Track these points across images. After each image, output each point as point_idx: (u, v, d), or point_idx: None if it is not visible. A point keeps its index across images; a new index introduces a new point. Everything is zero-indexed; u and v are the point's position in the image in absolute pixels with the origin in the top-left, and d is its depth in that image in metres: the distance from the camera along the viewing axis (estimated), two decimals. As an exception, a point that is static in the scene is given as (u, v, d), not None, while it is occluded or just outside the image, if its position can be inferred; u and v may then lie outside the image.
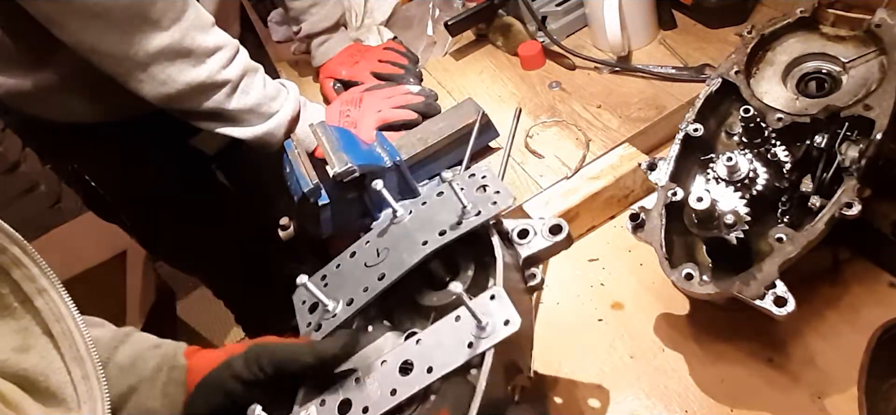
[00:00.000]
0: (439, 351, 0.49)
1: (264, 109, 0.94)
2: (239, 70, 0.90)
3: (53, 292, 0.45)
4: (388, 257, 0.59)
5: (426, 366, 0.49)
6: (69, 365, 0.45)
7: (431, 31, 1.21)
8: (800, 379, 0.59)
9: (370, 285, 0.57)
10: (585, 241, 0.80)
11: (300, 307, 0.61)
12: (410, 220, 0.61)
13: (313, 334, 0.57)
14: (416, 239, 0.58)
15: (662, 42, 1.00)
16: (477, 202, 0.58)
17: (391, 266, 0.57)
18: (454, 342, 0.49)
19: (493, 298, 0.50)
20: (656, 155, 0.68)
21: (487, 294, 0.50)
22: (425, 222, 0.59)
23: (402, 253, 0.58)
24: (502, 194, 0.58)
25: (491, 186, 0.59)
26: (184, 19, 0.84)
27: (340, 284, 0.60)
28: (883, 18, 0.63)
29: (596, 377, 0.66)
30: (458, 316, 0.50)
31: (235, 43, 0.92)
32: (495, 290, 0.50)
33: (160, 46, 0.84)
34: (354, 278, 0.59)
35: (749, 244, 0.59)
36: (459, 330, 0.49)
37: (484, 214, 0.56)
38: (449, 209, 0.59)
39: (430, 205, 0.61)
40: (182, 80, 0.87)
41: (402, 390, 0.49)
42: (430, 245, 0.56)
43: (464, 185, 0.60)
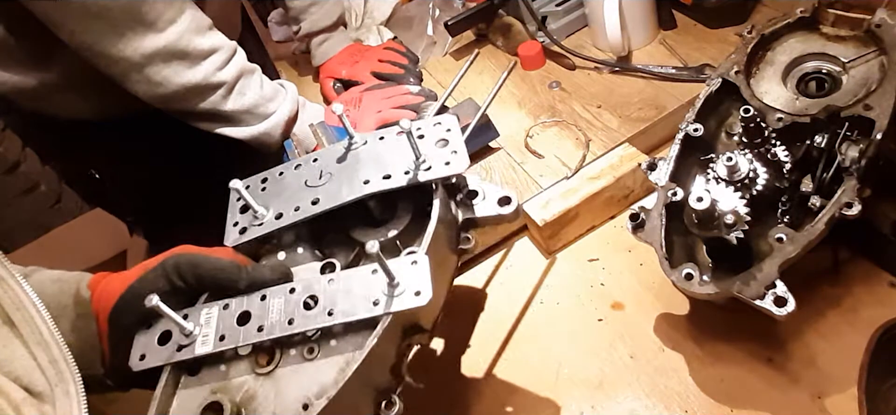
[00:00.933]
0: (346, 298, 0.49)
1: (261, 110, 0.94)
2: (235, 72, 0.91)
3: (11, 281, 0.45)
4: (329, 183, 0.58)
5: (328, 308, 0.49)
6: (33, 350, 0.44)
7: (431, 31, 1.21)
8: (800, 379, 0.59)
9: (302, 206, 0.57)
10: (585, 241, 0.80)
11: (234, 203, 0.61)
12: (363, 150, 0.60)
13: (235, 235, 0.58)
14: (360, 174, 0.58)
15: (662, 42, 1.00)
16: (432, 157, 0.57)
17: (328, 194, 0.57)
18: (362, 294, 0.49)
19: (415, 264, 0.49)
20: (656, 155, 0.68)
21: (410, 257, 0.50)
22: (375, 159, 0.59)
23: (343, 184, 0.57)
24: (458, 157, 0.57)
25: (451, 143, 0.58)
26: (180, 21, 0.85)
27: (278, 193, 0.60)
28: (883, 18, 0.63)
29: (596, 377, 0.66)
30: (375, 269, 0.50)
31: (232, 44, 0.92)
32: (418, 255, 0.50)
33: (156, 48, 0.84)
34: (291, 193, 0.59)
35: (749, 244, 0.59)
36: (372, 283, 0.49)
37: (432, 173, 0.56)
38: (403, 153, 0.58)
39: (387, 142, 0.60)
40: (177, 81, 0.87)
41: (299, 323, 0.49)
42: (371, 187, 0.56)
43: (425, 132, 0.60)
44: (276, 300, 0.51)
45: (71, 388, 0.44)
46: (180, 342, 0.51)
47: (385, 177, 0.56)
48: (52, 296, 0.54)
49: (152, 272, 0.53)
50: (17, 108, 1.00)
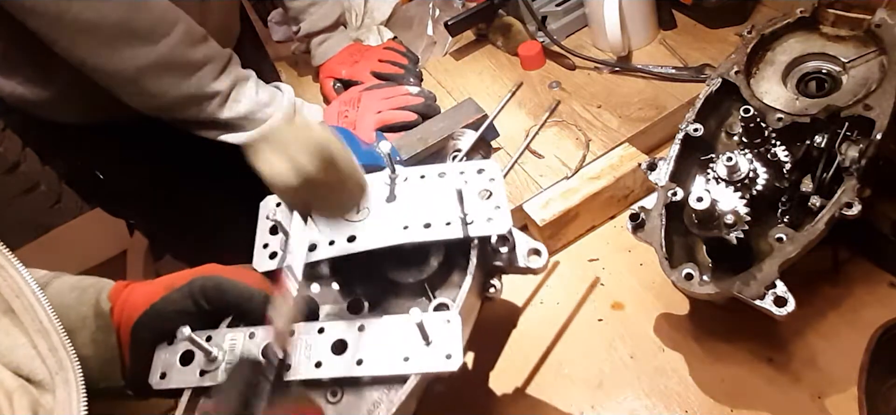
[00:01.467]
0: (376, 349, 0.48)
1: (258, 115, 0.94)
2: (229, 81, 0.91)
3: (10, 269, 0.45)
4: (366, 219, 0.56)
5: (358, 357, 0.48)
6: (34, 338, 0.44)
7: (431, 31, 1.21)
8: (800, 379, 0.59)
9: (337, 241, 0.55)
10: (585, 241, 0.80)
11: (263, 222, 0.59)
12: (403, 187, 0.58)
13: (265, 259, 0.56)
14: (399, 216, 0.56)
15: (662, 42, 1.00)
16: (474, 209, 0.55)
17: (364, 233, 0.55)
18: (393, 347, 0.48)
19: (448, 323, 0.48)
20: (656, 155, 0.68)
21: (443, 315, 0.49)
22: (416, 201, 0.57)
23: (381, 224, 0.55)
24: (501, 214, 0.55)
25: (495, 197, 0.56)
26: (173, 34, 0.85)
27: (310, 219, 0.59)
28: (883, 18, 0.63)
29: (596, 377, 0.66)
30: (407, 321, 0.49)
31: (227, 53, 0.92)
32: (452, 315, 0.49)
33: (149, 61, 0.84)
34: (326, 222, 0.57)
35: (749, 244, 0.59)
36: (403, 336, 0.48)
37: (474, 230, 0.54)
38: (444, 199, 0.56)
39: (428, 183, 0.59)
40: (172, 93, 0.87)
41: (327, 368, 0.48)
42: (410, 235, 0.54)
43: (469, 178, 0.58)
44: (304, 338, 0.50)
45: (70, 376, 0.44)
46: (203, 367, 0.50)
47: (426, 225, 0.54)
48: (71, 306, 0.54)
49: (178, 292, 0.53)
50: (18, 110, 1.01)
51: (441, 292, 0.55)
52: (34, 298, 0.45)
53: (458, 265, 0.55)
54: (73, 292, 0.55)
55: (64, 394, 0.44)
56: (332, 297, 0.56)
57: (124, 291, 0.55)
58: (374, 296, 0.56)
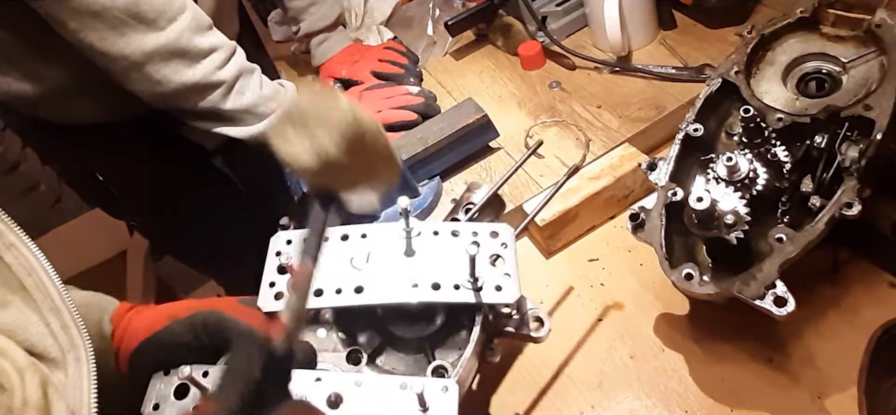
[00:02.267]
0: (371, 408, 0.48)
1: (261, 110, 0.94)
2: (234, 71, 0.91)
3: (22, 247, 0.44)
4: (375, 271, 0.56)
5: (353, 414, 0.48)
6: (47, 316, 0.44)
7: (431, 31, 1.21)
8: (800, 379, 0.59)
9: (344, 291, 0.54)
10: (585, 241, 0.80)
11: (271, 260, 0.58)
12: (415, 242, 0.57)
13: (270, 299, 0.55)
14: (408, 273, 0.55)
15: (662, 42, 1.00)
16: (483, 274, 0.54)
17: (372, 285, 0.55)
18: (389, 409, 0.48)
19: (445, 391, 0.48)
20: (656, 155, 0.68)
21: (441, 382, 0.49)
22: (427, 258, 0.56)
23: (389, 278, 0.55)
24: (511, 283, 0.54)
25: (505, 263, 0.56)
26: (180, 20, 0.85)
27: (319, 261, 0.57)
28: (883, 18, 0.63)
29: (596, 377, 0.66)
30: (404, 384, 0.49)
31: (232, 44, 0.92)
32: (450, 383, 0.49)
33: (155, 46, 0.84)
34: (334, 267, 0.56)
35: (749, 244, 0.59)
36: (400, 399, 0.48)
37: (482, 297, 0.53)
38: (456, 260, 0.55)
39: (442, 240, 0.57)
40: (177, 80, 0.87)
41: None
42: (418, 295, 0.54)
43: (480, 239, 0.57)
44: (300, 387, 0.49)
45: (82, 354, 0.44)
46: (197, 403, 0.50)
47: (434, 286, 0.54)
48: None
49: (180, 325, 0.53)
50: (19, 112, 1.01)
51: (441, 351, 0.55)
52: (46, 276, 0.45)
53: (460, 325, 0.55)
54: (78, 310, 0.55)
55: (75, 372, 0.43)
56: (332, 345, 0.56)
57: (127, 315, 0.55)
58: (374, 347, 0.56)
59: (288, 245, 0.59)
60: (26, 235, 0.45)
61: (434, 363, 0.52)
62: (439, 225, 0.59)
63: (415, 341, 0.55)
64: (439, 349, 0.55)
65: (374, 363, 0.55)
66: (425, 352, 0.55)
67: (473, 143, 0.92)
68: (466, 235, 0.57)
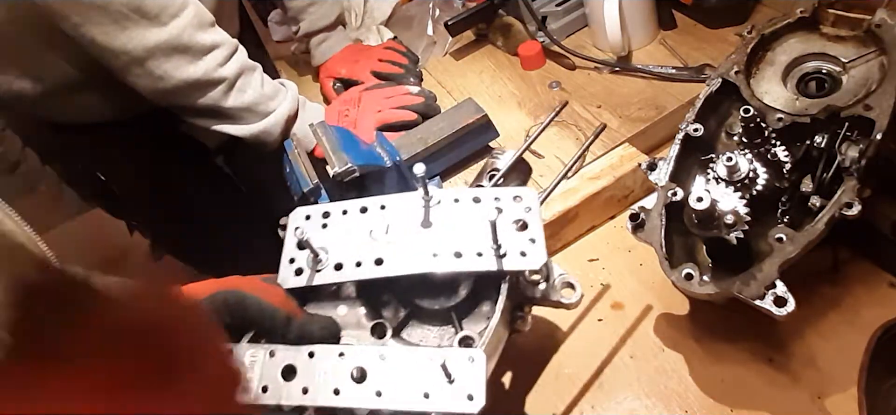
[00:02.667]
0: (396, 381, 0.47)
1: (261, 108, 0.94)
2: (236, 68, 0.91)
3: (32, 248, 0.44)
4: (395, 241, 0.54)
5: (377, 388, 0.47)
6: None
7: (431, 31, 1.21)
8: (800, 379, 0.59)
9: (364, 263, 0.53)
10: (585, 241, 0.80)
11: (290, 235, 0.57)
12: (435, 210, 0.55)
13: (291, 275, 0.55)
14: (429, 242, 0.53)
15: (662, 42, 1.00)
16: (507, 240, 0.52)
17: (392, 257, 0.53)
18: (414, 381, 0.46)
19: (472, 361, 0.47)
20: (656, 155, 0.68)
21: (467, 352, 0.47)
22: (447, 226, 0.54)
23: (410, 249, 0.53)
24: (536, 248, 0.52)
25: (530, 229, 0.53)
26: (182, 16, 0.85)
27: (339, 236, 0.56)
28: (883, 18, 0.63)
29: (596, 377, 0.66)
30: (430, 356, 0.48)
31: (234, 41, 0.92)
32: (476, 352, 0.47)
33: (157, 42, 0.84)
34: (354, 242, 0.55)
35: (749, 244, 0.59)
36: (425, 370, 0.47)
37: (506, 264, 0.51)
38: (477, 227, 0.53)
39: (462, 207, 0.56)
40: (178, 76, 0.87)
41: (345, 397, 0.47)
42: (439, 264, 0.52)
43: (503, 205, 0.55)
44: (324, 362, 0.49)
45: None
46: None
47: (456, 254, 0.52)
48: None
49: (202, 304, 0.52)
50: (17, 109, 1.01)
51: (468, 322, 0.53)
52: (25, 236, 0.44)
53: (487, 295, 0.53)
54: None
55: None
56: (356, 319, 0.55)
57: None
58: (398, 320, 0.55)
59: (306, 220, 0.58)
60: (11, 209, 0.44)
61: (461, 334, 0.50)
62: (460, 192, 0.57)
63: (440, 312, 0.53)
64: (466, 320, 0.53)
65: (399, 336, 0.53)
66: (452, 323, 0.53)
67: (473, 143, 0.92)
68: (488, 200, 0.55)
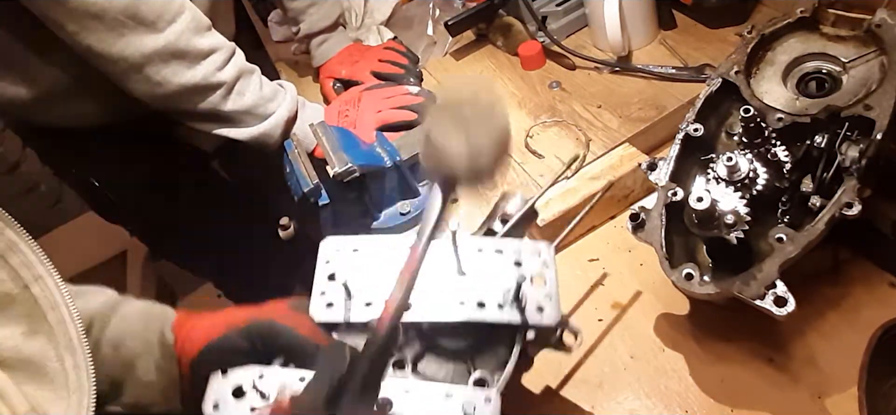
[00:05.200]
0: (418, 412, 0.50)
1: (260, 111, 0.94)
2: (234, 72, 0.91)
3: (49, 280, 0.45)
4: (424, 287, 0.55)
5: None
6: (62, 353, 0.45)
7: (431, 31, 1.21)
8: (800, 379, 0.59)
9: None
10: (585, 241, 0.80)
11: (322, 267, 0.59)
12: (461, 255, 0.58)
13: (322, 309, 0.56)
14: (454, 290, 0.56)
15: (662, 42, 1.00)
16: (525, 295, 0.55)
17: (422, 302, 0.55)
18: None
19: (488, 402, 0.50)
20: (656, 155, 0.68)
21: (484, 392, 0.50)
22: (473, 273, 0.57)
23: (437, 295, 0.56)
24: (552, 304, 0.55)
25: (547, 285, 0.56)
26: (179, 21, 0.85)
27: (367, 271, 0.58)
28: (883, 18, 0.63)
29: (596, 377, 0.66)
30: (449, 393, 0.50)
31: (231, 45, 0.92)
32: (492, 393, 0.50)
33: (155, 48, 0.84)
34: (383, 277, 0.57)
35: (749, 244, 0.59)
36: (446, 408, 0.50)
37: (525, 317, 0.54)
38: (499, 277, 0.56)
39: (486, 257, 0.58)
40: (176, 81, 0.87)
41: None
42: (464, 313, 0.55)
43: (523, 258, 0.58)
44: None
45: (85, 400, 0.45)
46: (253, 404, 0.52)
47: (479, 304, 0.55)
48: (138, 332, 0.58)
49: (236, 333, 0.55)
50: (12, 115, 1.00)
51: (481, 360, 0.56)
52: (67, 312, 0.46)
53: (499, 336, 0.56)
54: (141, 320, 0.59)
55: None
56: None
57: (187, 323, 0.59)
58: (416, 353, 0.57)
59: (337, 252, 0.59)
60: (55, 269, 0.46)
61: (476, 375, 0.54)
62: (483, 242, 0.60)
63: (455, 349, 0.56)
64: (478, 358, 0.56)
65: (415, 370, 0.56)
66: (464, 360, 0.56)
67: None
68: (510, 254, 0.58)
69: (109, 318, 0.59)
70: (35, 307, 0.44)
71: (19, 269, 0.44)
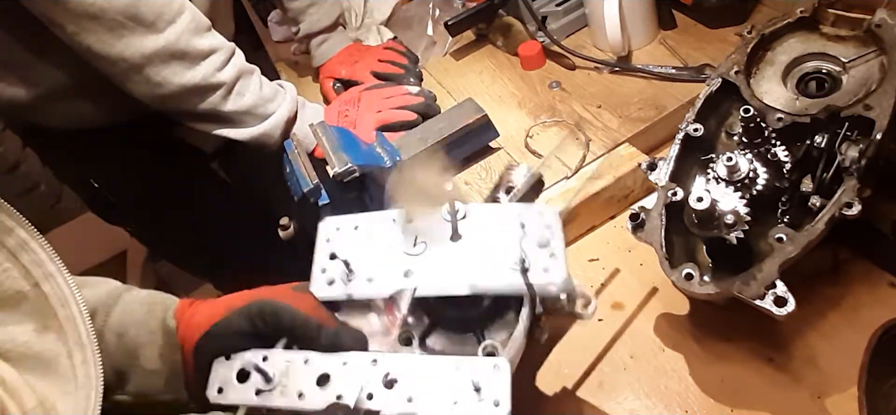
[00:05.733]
0: (427, 389, 0.49)
1: (260, 111, 0.94)
2: (234, 72, 0.91)
3: (59, 277, 0.46)
4: (424, 255, 0.56)
5: (408, 395, 0.49)
6: (72, 349, 0.45)
7: (431, 31, 1.21)
8: (800, 379, 0.59)
9: (395, 276, 0.55)
10: (585, 241, 0.80)
11: (322, 245, 0.59)
12: (463, 224, 0.57)
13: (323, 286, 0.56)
14: (458, 259, 0.55)
15: (662, 42, 1.00)
16: (530, 257, 0.54)
17: (422, 272, 0.55)
18: (443, 389, 0.48)
19: (497, 369, 0.49)
20: (656, 155, 0.68)
21: (492, 360, 0.49)
22: (475, 242, 0.56)
23: (439, 265, 0.55)
24: (557, 264, 0.54)
25: (551, 244, 0.55)
26: (178, 22, 0.85)
27: (369, 248, 0.58)
28: (883, 18, 0.63)
29: (596, 377, 0.66)
30: (457, 364, 0.50)
31: (231, 45, 0.92)
32: (501, 361, 0.49)
33: (154, 48, 0.84)
34: (384, 255, 0.56)
35: (749, 244, 0.59)
36: (454, 380, 0.49)
37: (531, 279, 0.53)
38: (502, 243, 0.55)
39: (489, 219, 0.57)
40: (176, 82, 0.87)
41: (378, 402, 0.49)
42: (468, 284, 0.54)
43: (525, 220, 0.57)
44: (357, 368, 0.51)
45: (92, 395, 0.45)
46: (258, 386, 0.51)
47: (484, 273, 0.54)
48: (141, 321, 0.58)
49: (237, 314, 0.55)
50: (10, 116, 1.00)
51: (489, 331, 0.55)
52: (77, 309, 0.46)
53: (507, 305, 0.55)
54: (143, 308, 0.59)
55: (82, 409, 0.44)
56: (383, 327, 0.56)
57: (189, 310, 0.58)
58: (422, 328, 0.56)
59: (337, 231, 0.59)
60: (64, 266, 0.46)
61: (484, 343, 0.52)
62: (484, 207, 0.59)
63: (463, 321, 0.55)
64: (487, 329, 0.55)
65: (423, 344, 0.55)
66: (473, 331, 0.55)
67: (473, 143, 0.92)
68: (513, 218, 0.57)
69: (112, 307, 0.59)
70: (46, 304, 0.45)
71: (30, 267, 0.44)
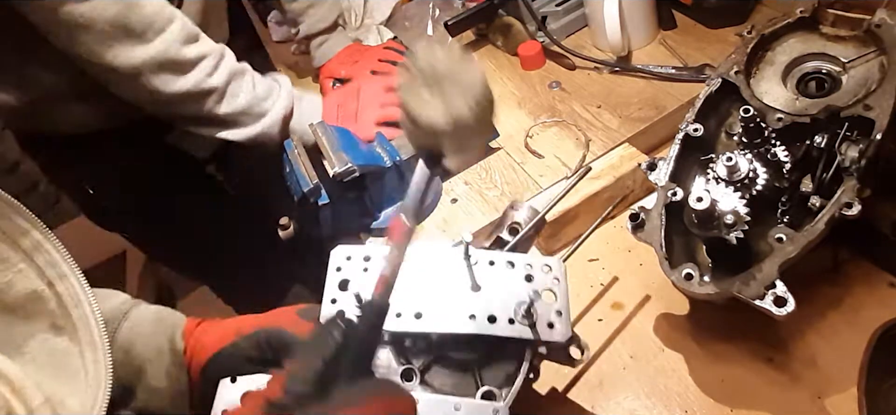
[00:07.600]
0: None
1: (256, 110, 0.94)
2: (225, 75, 0.91)
3: (73, 278, 0.46)
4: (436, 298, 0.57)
5: None
6: (84, 349, 0.46)
7: (431, 31, 1.21)
8: (800, 379, 0.59)
9: (404, 315, 0.55)
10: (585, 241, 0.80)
11: (332, 275, 0.59)
12: (475, 270, 0.58)
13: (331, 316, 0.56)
14: (466, 301, 0.56)
15: (662, 42, 1.00)
16: (537, 311, 0.55)
17: (431, 312, 0.56)
18: None
19: (496, 413, 0.51)
20: (656, 155, 0.68)
21: (492, 405, 0.51)
22: (484, 286, 0.57)
23: (448, 305, 0.56)
24: (562, 321, 0.55)
25: (558, 300, 0.57)
26: (168, 31, 0.85)
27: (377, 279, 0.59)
28: (883, 18, 0.63)
29: (596, 377, 0.66)
30: (458, 405, 0.51)
31: (220, 48, 0.92)
32: (502, 406, 0.51)
33: (144, 59, 0.84)
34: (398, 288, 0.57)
35: (749, 244, 0.59)
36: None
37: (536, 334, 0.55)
38: (510, 292, 0.57)
39: (498, 271, 0.58)
40: (168, 90, 0.87)
41: None
42: (475, 326, 0.55)
43: (534, 272, 0.58)
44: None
45: (100, 394, 0.45)
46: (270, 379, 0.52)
47: (490, 319, 0.55)
48: (149, 336, 0.59)
49: (245, 340, 0.56)
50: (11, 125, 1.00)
51: (487, 374, 0.56)
52: (90, 310, 0.47)
53: (508, 352, 0.56)
54: (151, 325, 0.60)
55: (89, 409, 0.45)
56: (387, 361, 0.57)
57: (197, 330, 0.59)
58: (423, 364, 0.57)
59: (347, 261, 0.59)
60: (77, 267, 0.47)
61: (484, 389, 0.54)
62: (495, 255, 0.60)
63: (463, 361, 0.56)
64: (486, 371, 0.56)
65: (423, 380, 0.56)
66: (472, 372, 0.56)
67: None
68: (521, 267, 0.58)
69: (121, 322, 0.59)
70: (60, 304, 0.45)
71: (45, 268, 0.45)
